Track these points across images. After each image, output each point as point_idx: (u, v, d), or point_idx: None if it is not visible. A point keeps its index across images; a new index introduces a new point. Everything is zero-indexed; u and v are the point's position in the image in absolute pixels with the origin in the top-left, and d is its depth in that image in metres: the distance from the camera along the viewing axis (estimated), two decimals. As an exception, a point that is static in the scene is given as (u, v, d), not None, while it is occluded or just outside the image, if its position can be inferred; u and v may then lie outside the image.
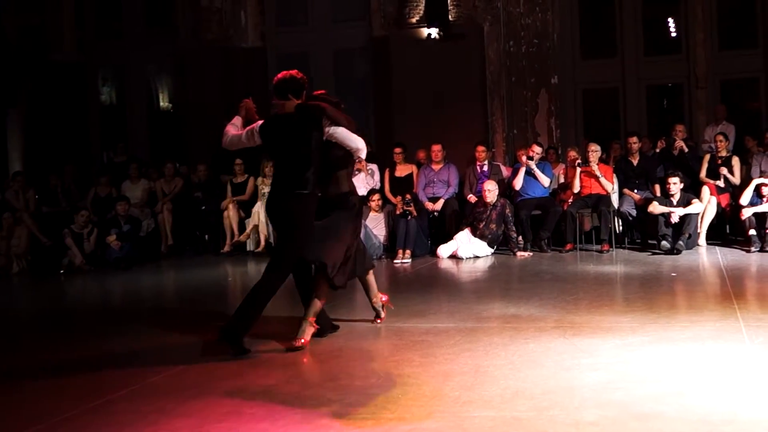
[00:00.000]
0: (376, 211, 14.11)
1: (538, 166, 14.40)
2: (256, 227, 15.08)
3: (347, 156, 7.74)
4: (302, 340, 7.25)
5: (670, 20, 19.59)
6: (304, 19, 19.93)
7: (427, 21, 17.63)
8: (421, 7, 17.81)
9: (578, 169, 14.19)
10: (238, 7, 19.33)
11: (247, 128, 7.79)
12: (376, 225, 13.95)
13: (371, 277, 8.19)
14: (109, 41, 20.65)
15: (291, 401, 5.60)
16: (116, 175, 17.11)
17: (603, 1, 19.55)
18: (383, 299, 8.31)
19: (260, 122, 7.71)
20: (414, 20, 17.97)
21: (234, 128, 7.92)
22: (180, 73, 19.94)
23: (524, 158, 14.42)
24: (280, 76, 7.73)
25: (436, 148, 15.06)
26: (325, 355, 6.95)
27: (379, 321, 8.19)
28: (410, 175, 15.25)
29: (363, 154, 7.73)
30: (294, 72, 7.72)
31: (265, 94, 19.54)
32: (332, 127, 7.57)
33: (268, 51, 19.79)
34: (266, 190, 15.41)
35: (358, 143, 7.66)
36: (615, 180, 14.41)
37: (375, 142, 17.73)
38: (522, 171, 14.40)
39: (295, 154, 7.40)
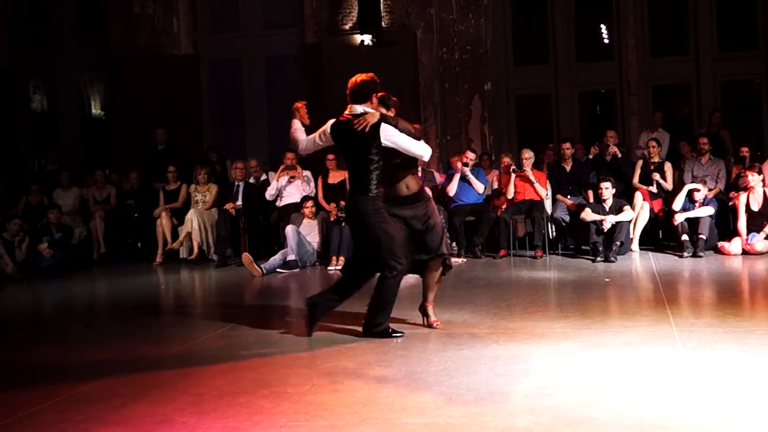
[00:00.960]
0: (310, 218, 14.06)
1: (471, 172, 14.42)
2: (189, 235, 14.96)
3: (411, 159, 7.88)
4: (438, 321, 7.87)
5: (602, 27, 19.76)
6: (236, 25, 19.87)
7: (360, 28, 17.62)
8: (354, 13, 17.81)
9: (513, 175, 14.25)
10: (170, 14, 19.22)
11: (318, 130, 7.93)
12: (309, 232, 13.90)
13: None
14: (41, 49, 20.41)
15: (224, 409, 5.57)
16: (47, 183, 16.92)
17: (536, 8, 19.65)
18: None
19: (331, 122, 7.84)
20: (347, 27, 17.96)
21: (301, 133, 8.05)
22: (112, 81, 19.76)
23: (459, 164, 14.43)
24: (358, 79, 7.77)
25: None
26: (258, 363, 6.90)
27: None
28: (343, 182, 15.19)
29: (427, 159, 8.12)
30: (367, 75, 7.79)
31: (197, 100, 19.61)
32: (393, 136, 7.58)
33: (201, 58, 19.70)
34: (199, 197, 15.36)
35: (421, 150, 7.79)
36: (548, 186, 14.48)
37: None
38: (456, 177, 14.42)
39: (359, 158, 7.56)
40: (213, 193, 15.45)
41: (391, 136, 7.55)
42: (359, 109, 7.61)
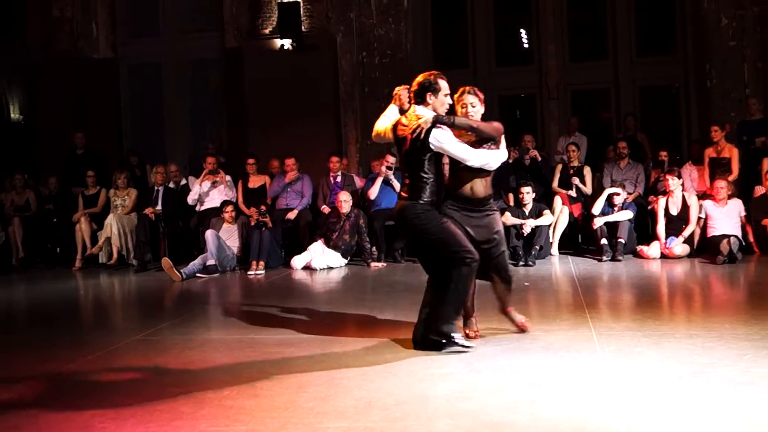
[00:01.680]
0: (230, 223, 14.02)
1: (393, 176, 14.51)
2: (108, 239, 14.85)
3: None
4: (526, 322, 7.57)
5: (522, 32, 19.93)
6: (156, 30, 19.77)
7: (280, 32, 17.64)
8: (274, 18, 17.81)
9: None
10: (89, 17, 19.10)
11: (394, 122, 7.52)
12: (229, 236, 13.88)
13: None
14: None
15: (143, 414, 5.54)
16: (-35, 189, 16.72)
17: (456, 13, 19.77)
18: None
19: (400, 118, 7.48)
20: (267, 31, 17.97)
21: (386, 119, 7.65)
22: (30, 85, 19.58)
23: (383, 168, 14.49)
24: (417, 79, 7.40)
25: (290, 162, 15.07)
26: (178, 368, 6.88)
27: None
28: (263, 186, 15.26)
29: (489, 166, 7.38)
30: (426, 75, 7.45)
31: (117, 104, 19.48)
32: (442, 142, 7.13)
33: (120, 62, 19.59)
34: (118, 201, 15.27)
35: (473, 158, 7.27)
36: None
37: (228, 153, 17.71)
38: (379, 181, 14.49)
39: (412, 162, 7.24)
40: (132, 198, 15.38)
41: (440, 142, 7.11)
42: (419, 110, 7.26)
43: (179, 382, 6.35)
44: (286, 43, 17.61)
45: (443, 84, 7.43)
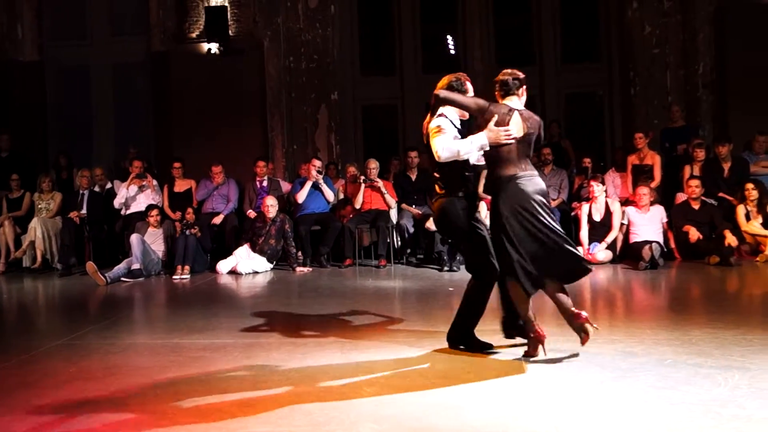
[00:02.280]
0: (155, 227, 13.97)
1: (323, 181, 14.55)
2: (32, 243, 14.73)
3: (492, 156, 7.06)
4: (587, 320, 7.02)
5: (449, 38, 20.04)
6: (82, 33, 19.64)
7: (207, 36, 17.62)
8: (201, 22, 17.78)
9: (363, 185, 14.37)
10: (15, 20, 18.90)
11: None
12: (154, 241, 13.82)
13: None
14: None
15: (64, 419, 5.51)
16: None
17: (382, 19, 19.84)
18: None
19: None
20: (194, 35, 17.94)
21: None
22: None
23: (314, 172, 14.51)
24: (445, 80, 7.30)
25: (217, 169, 15.05)
26: (102, 372, 6.83)
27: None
28: (189, 190, 15.22)
29: (439, 157, 6.98)
30: (457, 76, 7.38)
31: (43, 107, 19.30)
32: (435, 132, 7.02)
33: (46, 64, 19.41)
34: (43, 205, 15.13)
35: (437, 148, 6.99)
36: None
37: (155, 157, 17.63)
38: (308, 185, 14.51)
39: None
40: (57, 202, 15.26)
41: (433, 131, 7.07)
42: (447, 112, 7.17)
43: (102, 387, 6.32)
44: (213, 47, 17.60)
45: (469, 86, 7.42)
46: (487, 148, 6.96)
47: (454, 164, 7.01)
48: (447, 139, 6.98)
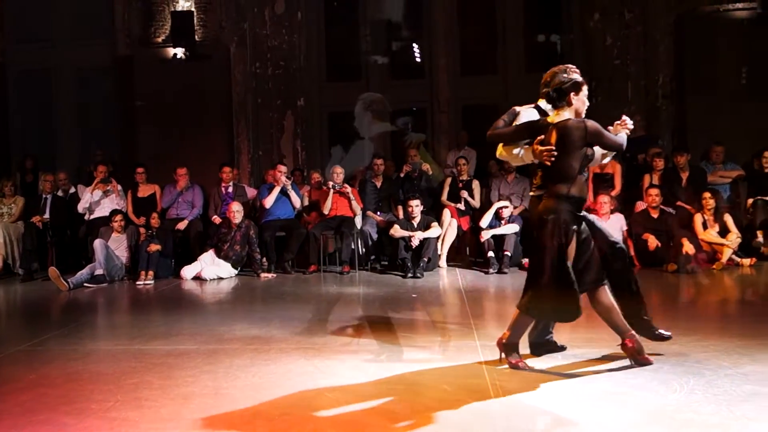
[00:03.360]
0: (119, 232, 13.93)
1: (291, 186, 14.56)
2: (-6, 248, 14.70)
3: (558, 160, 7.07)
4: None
5: (415, 46, 20.07)
6: (46, 36, 19.54)
7: (173, 41, 17.59)
8: (167, 26, 17.76)
9: (331, 191, 14.39)
10: (-25, 23, 18.84)
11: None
12: (118, 246, 13.77)
13: None
14: None
15: (24, 426, 5.52)
16: None
17: (349, 26, 19.85)
18: None
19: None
20: (159, 40, 17.90)
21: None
22: None
23: (283, 178, 14.52)
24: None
25: (182, 171, 15.04)
26: (63, 378, 6.82)
27: None
28: (153, 195, 15.18)
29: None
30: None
31: (4, 111, 19.20)
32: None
33: (8, 67, 19.30)
34: (5, 209, 15.06)
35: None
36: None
37: (118, 161, 17.57)
38: (276, 190, 14.50)
39: None
40: (19, 206, 15.19)
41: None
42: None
43: (63, 393, 6.30)
44: (179, 52, 17.57)
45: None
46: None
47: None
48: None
